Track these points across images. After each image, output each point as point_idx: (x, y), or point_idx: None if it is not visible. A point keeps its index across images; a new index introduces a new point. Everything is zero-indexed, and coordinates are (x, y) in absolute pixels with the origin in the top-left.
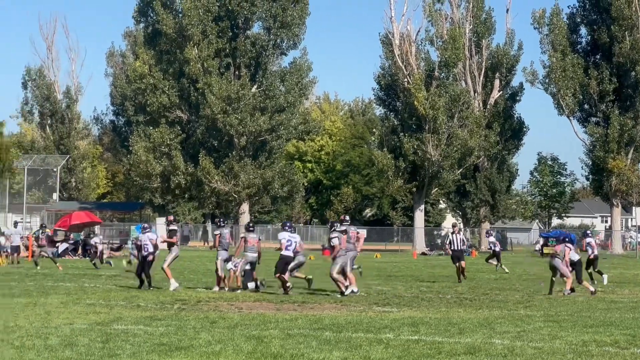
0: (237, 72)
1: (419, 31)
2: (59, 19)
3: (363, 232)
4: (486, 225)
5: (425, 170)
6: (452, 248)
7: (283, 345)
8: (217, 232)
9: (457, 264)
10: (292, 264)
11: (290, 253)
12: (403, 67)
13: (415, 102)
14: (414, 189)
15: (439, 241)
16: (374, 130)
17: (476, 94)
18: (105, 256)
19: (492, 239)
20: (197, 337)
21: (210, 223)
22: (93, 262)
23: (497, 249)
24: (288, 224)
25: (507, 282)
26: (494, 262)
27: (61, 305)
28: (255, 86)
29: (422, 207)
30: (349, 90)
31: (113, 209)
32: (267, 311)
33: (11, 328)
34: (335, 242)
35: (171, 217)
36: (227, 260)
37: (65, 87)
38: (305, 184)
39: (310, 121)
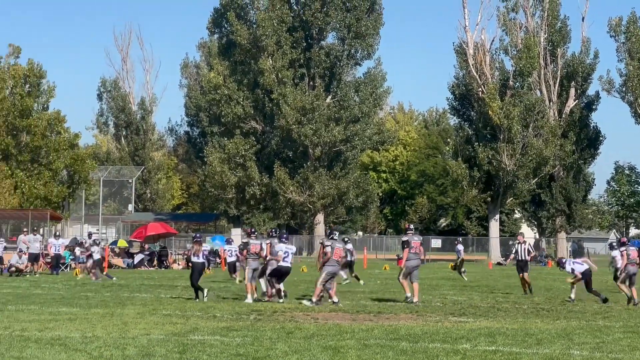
0: (311, 83)
1: (493, 40)
2: (134, 31)
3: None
4: (562, 235)
5: (500, 180)
6: (518, 258)
7: (360, 355)
8: (267, 241)
9: (521, 275)
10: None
11: (287, 264)
12: (477, 77)
13: (490, 112)
14: (489, 199)
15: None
16: (448, 140)
17: (551, 103)
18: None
19: (459, 246)
20: (274, 348)
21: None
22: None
23: (461, 257)
24: (284, 236)
25: (585, 293)
26: (462, 269)
27: (138, 316)
28: (329, 96)
29: (497, 216)
30: (423, 100)
31: (188, 220)
32: (343, 321)
33: (89, 338)
34: (327, 250)
35: (248, 230)
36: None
37: (140, 99)
38: (380, 194)
39: (384, 131)
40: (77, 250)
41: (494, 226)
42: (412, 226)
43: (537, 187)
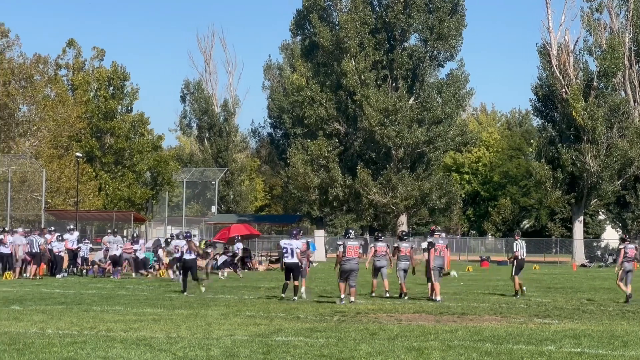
0: (394, 84)
1: (577, 41)
2: (217, 33)
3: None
4: None
5: (584, 181)
6: (518, 257)
7: (444, 357)
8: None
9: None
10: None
11: (289, 260)
12: (561, 78)
13: (574, 113)
14: (573, 200)
15: (598, 253)
16: (532, 141)
17: (636, 104)
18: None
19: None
20: (358, 349)
21: (368, 235)
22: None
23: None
24: (294, 231)
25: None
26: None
27: (221, 317)
28: (412, 98)
29: (581, 218)
30: (506, 101)
31: (271, 222)
32: (427, 322)
33: (173, 339)
34: (340, 249)
35: (295, 231)
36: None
37: (223, 100)
38: (463, 196)
39: (467, 133)
40: (160, 252)
41: (578, 228)
42: (438, 227)
43: (621, 188)
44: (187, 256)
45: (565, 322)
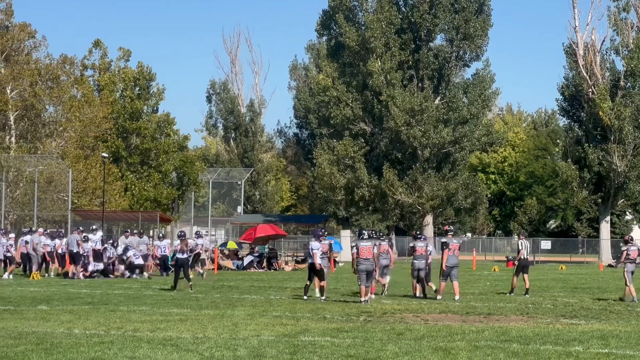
0: (420, 84)
1: (603, 41)
2: (242, 33)
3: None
4: None
5: (611, 181)
6: (521, 257)
7: (470, 357)
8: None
9: (521, 275)
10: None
11: (311, 260)
12: (587, 77)
13: (600, 113)
14: (599, 200)
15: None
16: (558, 141)
17: None
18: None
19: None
20: (384, 349)
21: (394, 235)
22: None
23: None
24: (318, 232)
25: None
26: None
27: (248, 317)
28: (438, 98)
29: (608, 218)
30: (532, 101)
31: (297, 222)
32: (453, 323)
33: (200, 339)
34: (354, 251)
35: (319, 232)
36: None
37: (248, 101)
38: (489, 196)
39: (493, 132)
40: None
41: (605, 228)
42: (451, 227)
43: None
44: (179, 255)
45: (593, 323)
